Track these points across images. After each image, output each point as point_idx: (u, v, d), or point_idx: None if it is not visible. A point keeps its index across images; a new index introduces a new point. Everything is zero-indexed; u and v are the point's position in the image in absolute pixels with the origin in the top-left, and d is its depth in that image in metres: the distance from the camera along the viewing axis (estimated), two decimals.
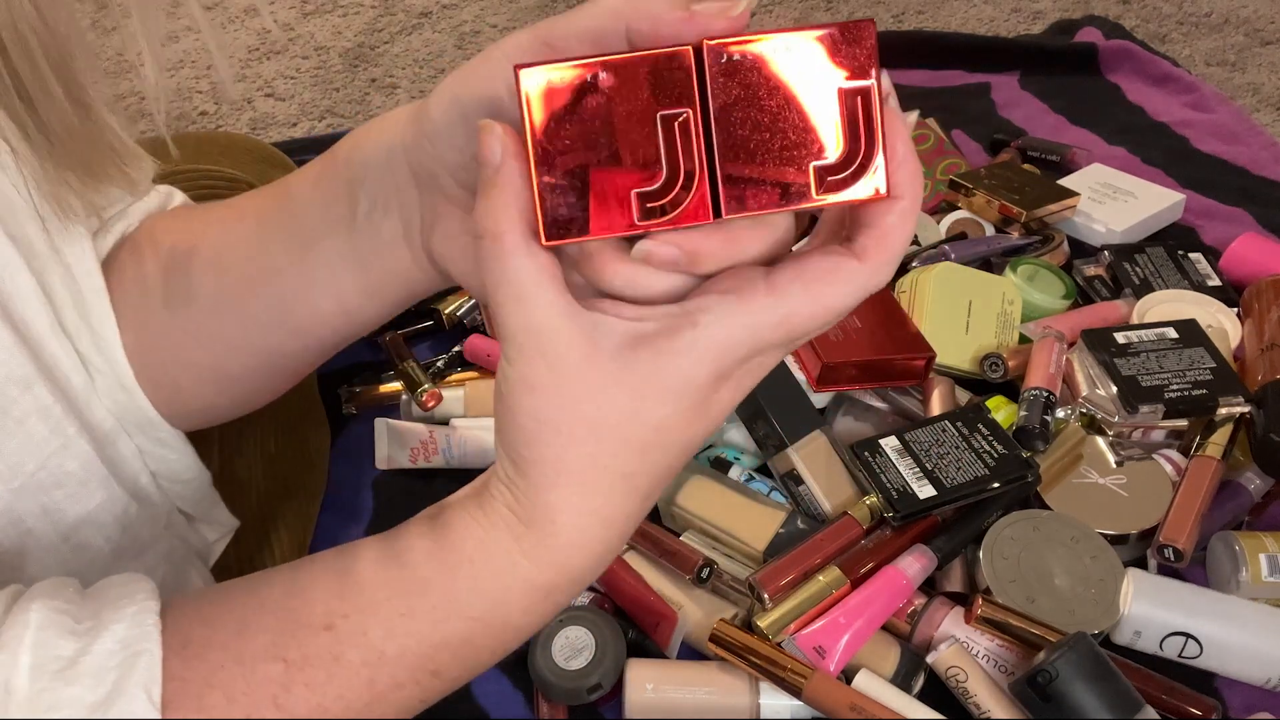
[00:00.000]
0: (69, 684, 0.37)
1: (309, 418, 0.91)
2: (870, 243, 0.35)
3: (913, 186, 0.35)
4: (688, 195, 0.34)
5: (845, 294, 0.35)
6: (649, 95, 0.33)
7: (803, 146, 0.34)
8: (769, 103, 0.34)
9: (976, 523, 0.79)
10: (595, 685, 0.73)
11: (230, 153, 0.91)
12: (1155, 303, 0.98)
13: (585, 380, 0.35)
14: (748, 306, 0.35)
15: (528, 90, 0.33)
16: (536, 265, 0.34)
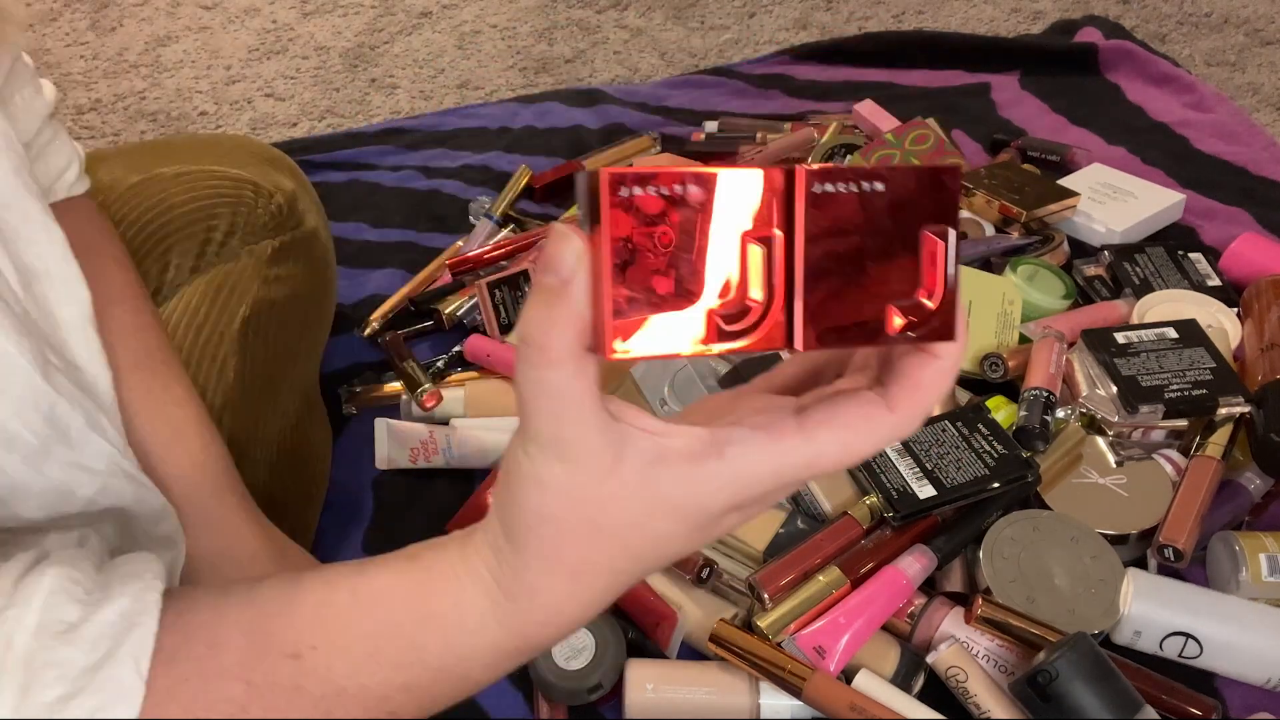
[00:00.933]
0: (66, 645, 0.38)
1: (312, 418, 0.91)
2: (905, 395, 0.35)
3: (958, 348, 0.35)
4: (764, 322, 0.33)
5: (873, 443, 0.35)
6: (737, 215, 0.32)
7: (883, 284, 0.33)
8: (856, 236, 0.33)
9: (976, 523, 0.79)
10: (595, 685, 0.73)
11: (231, 153, 0.91)
12: (1155, 303, 0.98)
13: (600, 489, 0.35)
14: (777, 446, 0.35)
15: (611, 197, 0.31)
16: (584, 384, 0.33)
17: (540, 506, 0.35)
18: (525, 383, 0.34)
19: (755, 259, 0.32)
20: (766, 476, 0.35)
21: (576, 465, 0.34)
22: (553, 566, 0.36)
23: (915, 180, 0.33)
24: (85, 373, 0.57)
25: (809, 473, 0.35)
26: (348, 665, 0.39)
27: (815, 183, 0.32)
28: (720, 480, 0.34)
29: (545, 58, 1.71)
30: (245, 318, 0.81)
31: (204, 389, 0.75)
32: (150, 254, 0.81)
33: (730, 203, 0.32)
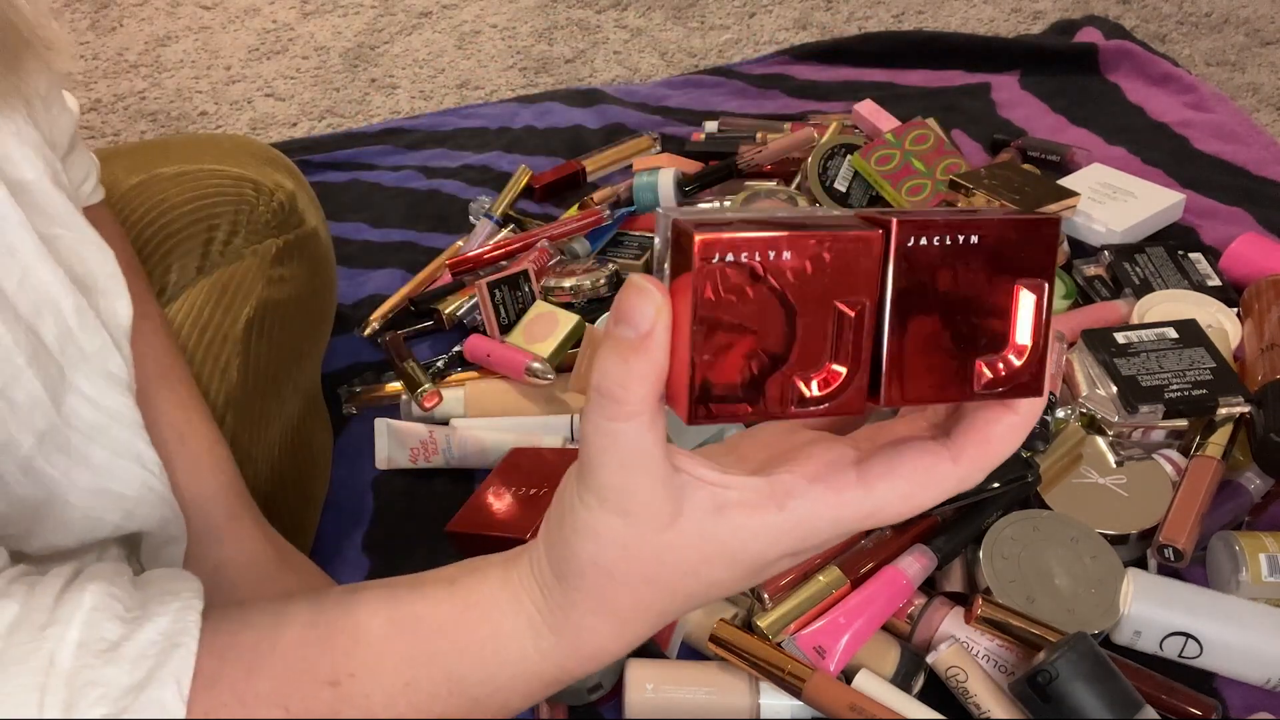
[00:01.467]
0: (108, 664, 0.38)
1: (313, 418, 0.91)
2: (971, 448, 0.34)
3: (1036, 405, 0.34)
4: (848, 389, 0.32)
5: (935, 496, 0.34)
6: (828, 279, 0.31)
7: (972, 340, 0.32)
8: (946, 291, 0.32)
9: (976, 523, 0.79)
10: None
11: (229, 152, 0.91)
12: (1155, 303, 0.98)
13: (657, 541, 0.34)
14: (837, 499, 0.34)
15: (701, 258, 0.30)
16: (654, 438, 0.33)
17: (595, 556, 0.35)
18: (596, 434, 0.34)
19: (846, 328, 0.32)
20: (825, 528, 0.35)
21: (636, 519, 0.34)
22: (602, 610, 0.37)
23: (1012, 231, 0.32)
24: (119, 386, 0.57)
25: (868, 524, 0.35)
26: (385, 694, 0.39)
27: (910, 237, 0.31)
28: (778, 532, 0.34)
29: (545, 58, 1.71)
30: (249, 318, 0.81)
31: (207, 389, 0.75)
32: (152, 255, 0.81)
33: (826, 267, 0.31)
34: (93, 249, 0.57)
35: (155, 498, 0.59)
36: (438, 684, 0.39)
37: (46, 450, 0.52)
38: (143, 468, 0.57)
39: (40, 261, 0.51)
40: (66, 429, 0.53)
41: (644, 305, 0.31)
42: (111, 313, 0.57)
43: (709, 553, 0.35)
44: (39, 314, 0.51)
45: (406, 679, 0.39)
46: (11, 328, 0.48)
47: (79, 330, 0.53)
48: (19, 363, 0.49)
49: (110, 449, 0.55)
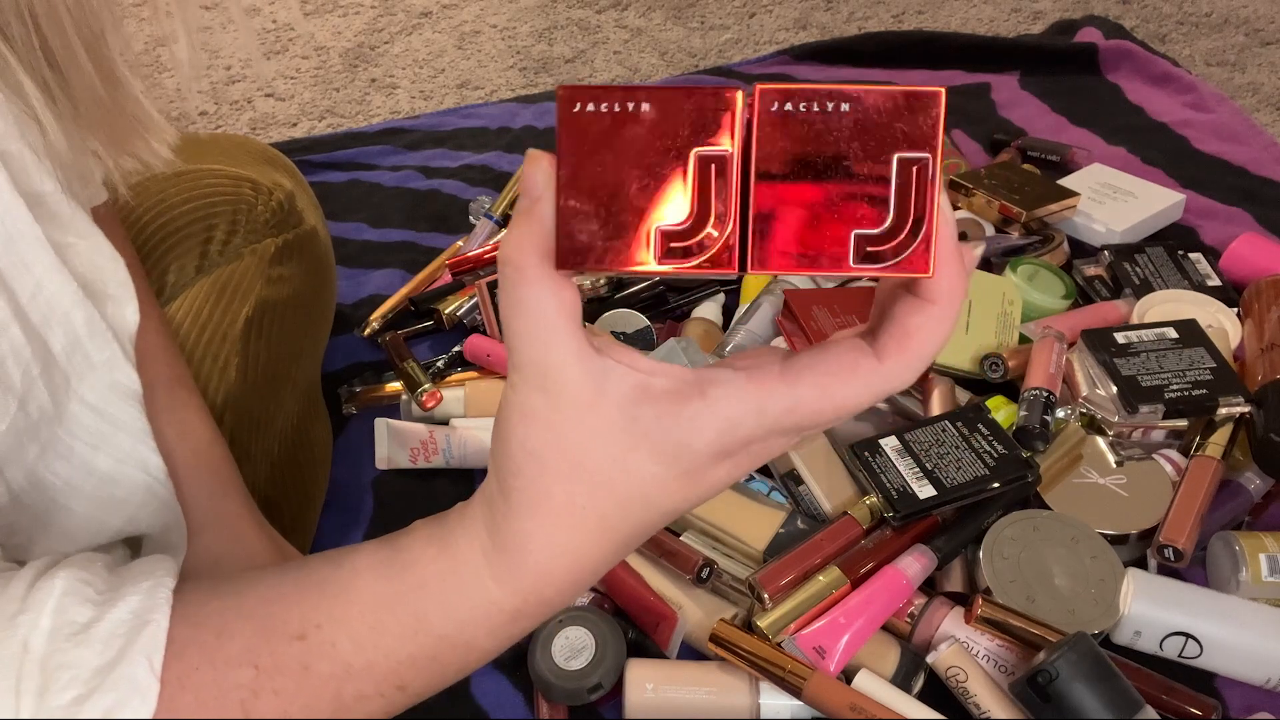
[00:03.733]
0: (79, 646, 0.38)
1: (313, 418, 0.91)
2: (892, 343, 0.34)
3: (950, 293, 0.34)
4: (714, 241, 0.32)
5: (858, 393, 0.34)
6: (689, 132, 0.32)
7: (846, 211, 0.32)
8: (816, 158, 0.32)
9: (976, 523, 0.79)
10: (595, 685, 0.73)
11: (230, 153, 0.91)
12: (1155, 303, 0.98)
13: (582, 422, 0.35)
14: (758, 389, 0.34)
15: (564, 111, 0.31)
16: (557, 302, 0.34)
17: (525, 439, 0.35)
18: (504, 305, 0.34)
19: (709, 178, 0.32)
20: (749, 419, 0.34)
21: (557, 397, 0.34)
22: (538, 509, 0.36)
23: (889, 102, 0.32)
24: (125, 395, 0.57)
25: (791, 419, 0.35)
26: (352, 640, 0.39)
27: (774, 102, 0.32)
28: (702, 420, 0.34)
29: (545, 58, 1.71)
30: (248, 317, 0.81)
31: (206, 389, 0.75)
32: (151, 254, 0.81)
33: (688, 121, 0.32)
34: (105, 258, 0.57)
35: (159, 503, 0.59)
36: (403, 624, 0.39)
37: (48, 459, 0.52)
38: (147, 474, 0.58)
39: (54, 274, 0.51)
40: (69, 438, 0.53)
41: (535, 172, 0.33)
42: (120, 318, 0.57)
43: (634, 439, 0.35)
44: (49, 325, 0.51)
45: (371, 623, 0.39)
46: (30, 338, 0.49)
47: (88, 340, 0.53)
48: (35, 373, 0.49)
49: (114, 457, 0.56)
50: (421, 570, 0.39)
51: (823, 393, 0.34)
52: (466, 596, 0.39)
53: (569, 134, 0.32)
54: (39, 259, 0.50)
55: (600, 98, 0.31)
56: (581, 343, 0.34)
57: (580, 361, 0.34)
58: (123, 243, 0.69)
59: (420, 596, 0.39)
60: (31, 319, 0.50)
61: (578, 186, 0.32)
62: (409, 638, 0.39)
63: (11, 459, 0.49)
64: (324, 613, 0.40)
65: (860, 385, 0.34)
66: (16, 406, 0.48)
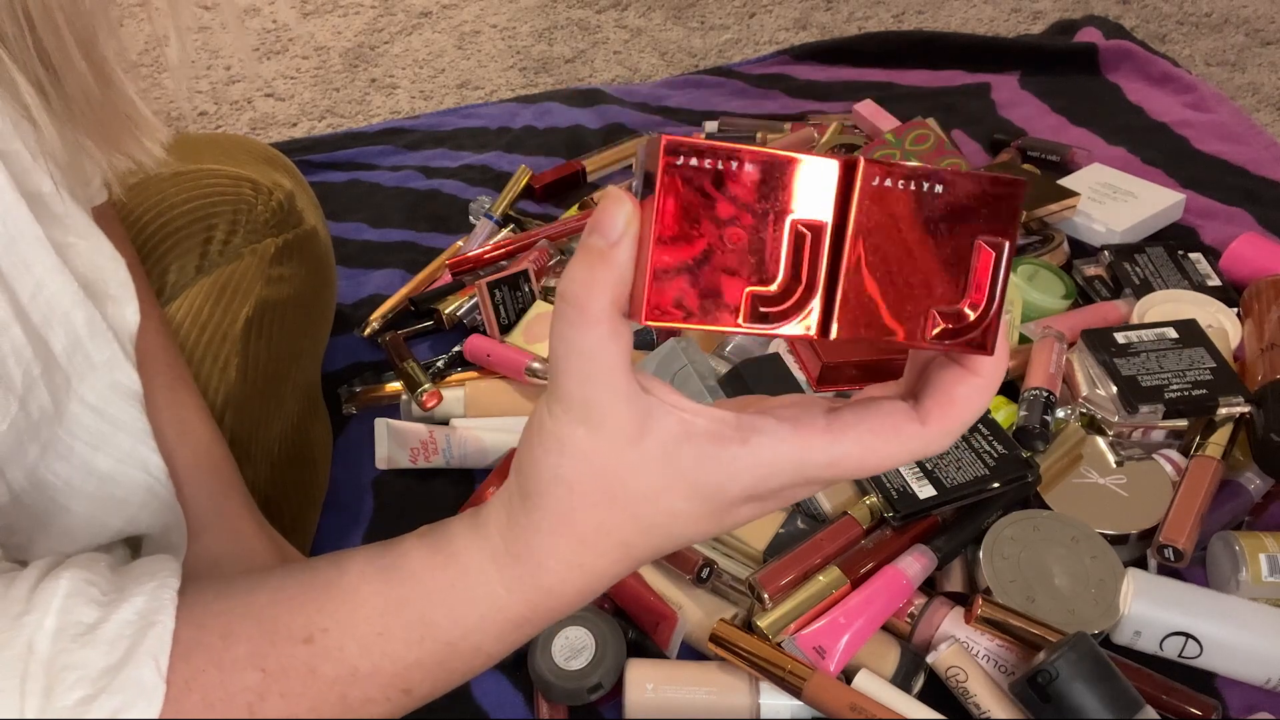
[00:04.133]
0: (85, 647, 0.38)
1: (313, 418, 0.91)
2: (937, 409, 0.35)
3: (997, 369, 0.35)
4: (800, 308, 0.33)
5: (896, 453, 0.35)
6: (788, 198, 0.32)
7: (927, 287, 0.33)
8: (907, 236, 0.33)
9: (976, 523, 0.79)
10: (595, 685, 0.73)
11: (230, 153, 0.91)
12: (1155, 303, 0.98)
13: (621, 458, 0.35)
14: (801, 441, 0.35)
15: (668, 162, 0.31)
16: (617, 349, 0.34)
17: (558, 468, 0.36)
18: (559, 341, 0.34)
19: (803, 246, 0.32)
20: (787, 469, 0.35)
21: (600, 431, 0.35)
22: (563, 530, 0.37)
23: (978, 187, 0.33)
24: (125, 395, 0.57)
25: (830, 473, 0.35)
26: (359, 645, 0.40)
27: (875, 176, 0.32)
28: (741, 465, 0.35)
29: (545, 58, 1.71)
30: (248, 318, 0.81)
31: (206, 389, 0.75)
32: (151, 254, 0.81)
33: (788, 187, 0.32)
34: (106, 258, 0.57)
35: (159, 503, 0.59)
36: (410, 630, 0.39)
37: (49, 459, 0.52)
38: (147, 474, 0.58)
39: (54, 274, 0.51)
40: (69, 438, 0.53)
41: (615, 214, 0.33)
42: (120, 318, 0.57)
43: (671, 478, 0.35)
44: (49, 325, 0.51)
45: (379, 629, 0.39)
46: (31, 338, 0.49)
47: (89, 340, 0.53)
48: (35, 373, 0.49)
49: (114, 457, 0.56)
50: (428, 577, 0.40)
51: (866, 450, 0.35)
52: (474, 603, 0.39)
53: (667, 186, 0.31)
54: (40, 259, 0.50)
55: (704, 153, 0.31)
56: (632, 384, 0.35)
57: (629, 403, 0.34)
58: (123, 242, 0.69)
59: (427, 603, 0.39)
60: (32, 319, 0.50)
61: (673, 243, 0.32)
62: (415, 643, 0.40)
63: (12, 459, 0.49)
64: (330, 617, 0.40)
65: (901, 446, 0.35)
66: (18, 407, 0.48)
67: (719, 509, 0.36)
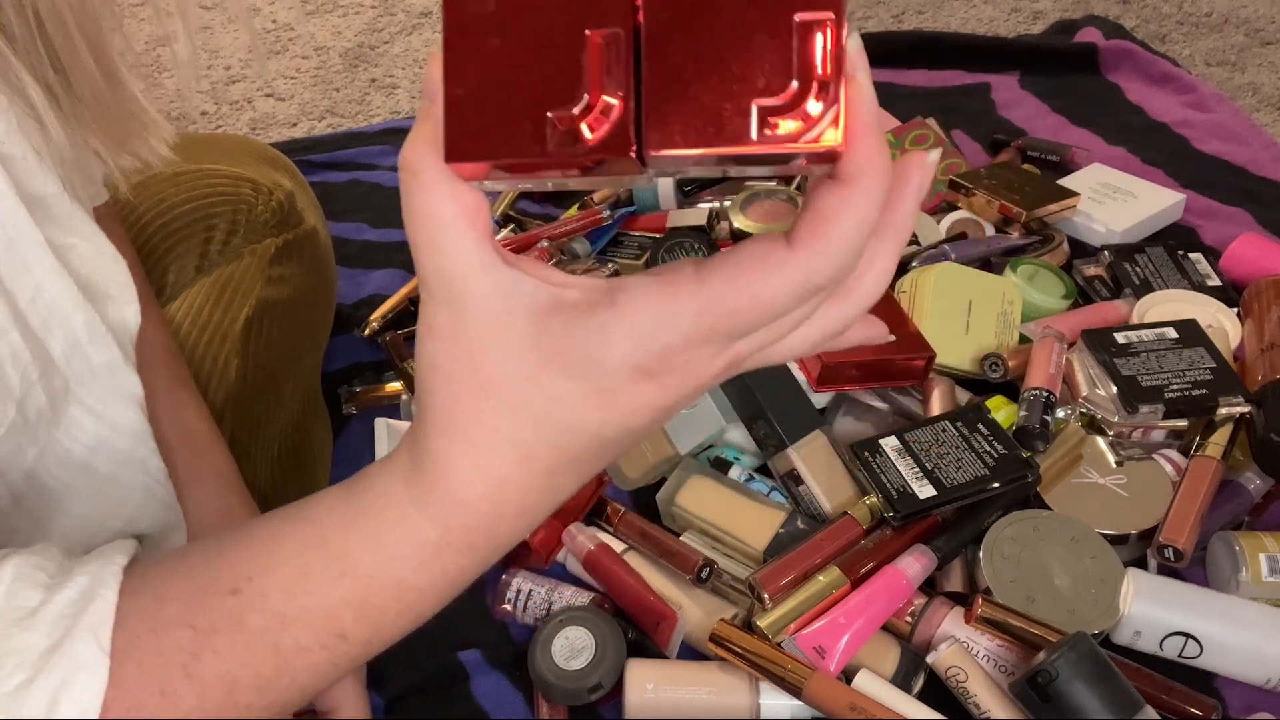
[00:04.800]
0: (25, 631, 0.38)
1: (313, 418, 0.91)
2: (805, 228, 0.31)
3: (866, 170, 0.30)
4: (609, 126, 0.29)
5: (773, 286, 0.31)
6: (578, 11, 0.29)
7: (746, 82, 0.29)
8: (711, 27, 0.29)
9: (976, 523, 0.79)
10: (595, 685, 0.73)
11: (230, 153, 0.91)
12: (1155, 303, 0.98)
13: (488, 335, 0.33)
14: (668, 291, 0.32)
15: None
16: (457, 208, 0.32)
17: (433, 357, 0.34)
18: (405, 215, 0.33)
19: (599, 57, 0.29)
20: (660, 326, 0.32)
21: (462, 309, 0.33)
22: (451, 429, 0.35)
23: None
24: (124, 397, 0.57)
25: (709, 321, 0.32)
26: (282, 588, 0.39)
27: None
28: (611, 327, 0.32)
29: None
30: (248, 318, 0.81)
31: (206, 389, 0.75)
32: (151, 254, 0.81)
33: None
34: (107, 258, 0.57)
35: (159, 504, 0.59)
36: (330, 564, 0.38)
37: (46, 462, 0.52)
38: (146, 475, 0.58)
39: (54, 277, 0.51)
40: (68, 441, 0.53)
41: (433, 70, 0.31)
42: (120, 319, 0.57)
43: (544, 355, 0.33)
44: (48, 328, 0.51)
45: (299, 567, 0.38)
46: (30, 342, 0.49)
47: (88, 344, 0.53)
48: (33, 377, 0.49)
49: (113, 459, 0.56)
50: (342, 508, 0.39)
51: (734, 285, 0.31)
52: (388, 526, 0.38)
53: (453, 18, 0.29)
54: (39, 262, 0.50)
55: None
56: (488, 252, 0.32)
57: (486, 272, 0.32)
58: (123, 243, 0.69)
59: (344, 535, 0.38)
60: (31, 323, 0.50)
61: (464, 75, 0.30)
62: (336, 578, 0.38)
63: (11, 463, 0.49)
64: (254, 564, 0.39)
65: (775, 276, 0.31)
66: (15, 411, 0.48)
67: (607, 388, 0.33)
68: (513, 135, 0.30)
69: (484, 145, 0.30)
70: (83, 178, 0.62)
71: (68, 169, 0.55)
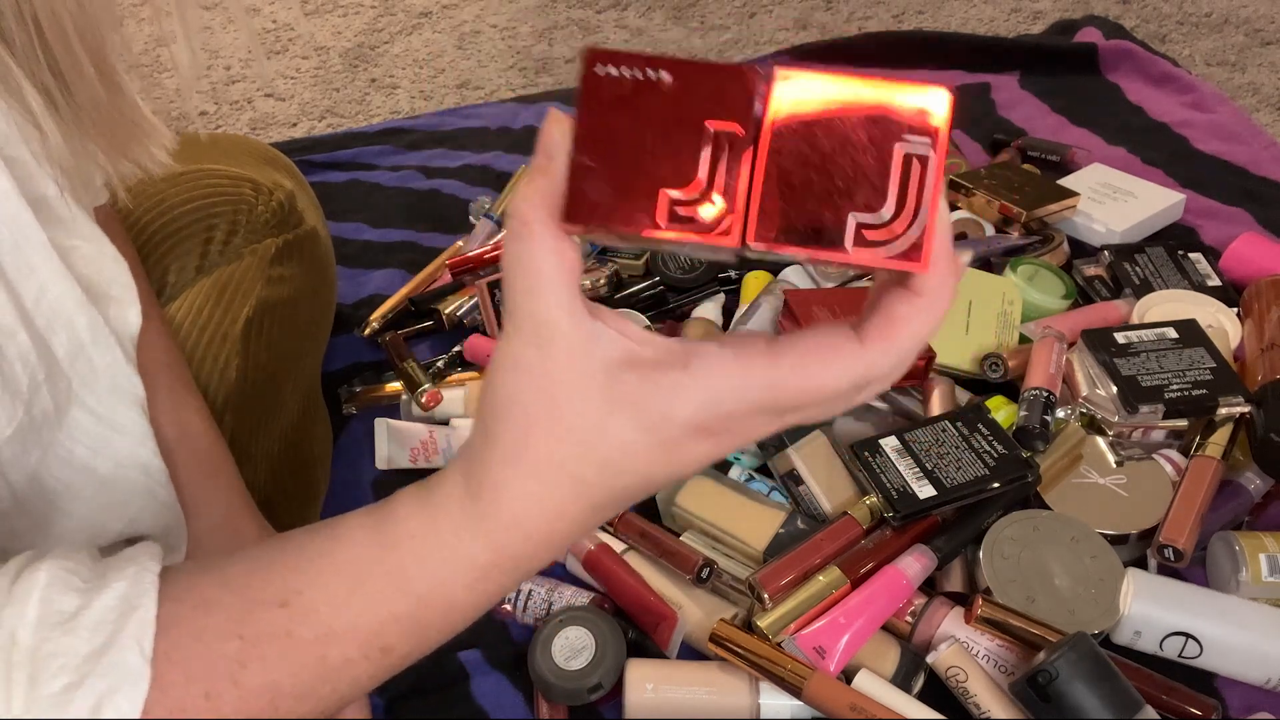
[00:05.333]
0: (67, 634, 0.38)
1: (313, 418, 0.91)
2: (874, 328, 0.35)
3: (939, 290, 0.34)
4: (719, 214, 0.33)
5: (837, 375, 0.35)
6: (706, 105, 0.32)
7: (848, 195, 0.33)
8: (825, 142, 0.32)
9: (976, 523, 0.79)
10: (595, 685, 0.73)
11: (230, 153, 0.91)
12: (1155, 303, 0.98)
13: (568, 379, 0.35)
14: (741, 365, 0.35)
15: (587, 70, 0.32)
16: (558, 260, 0.34)
17: (512, 389, 0.36)
18: (507, 258, 0.35)
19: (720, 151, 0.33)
20: (730, 394, 0.35)
21: (549, 350, 0.35)
22: (516, 459, 0.37)
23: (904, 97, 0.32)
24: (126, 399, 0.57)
25: (772, 396, 0.35)
26: (331, 603, 0.40)
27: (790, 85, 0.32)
28: (683, 389, 0.35)
29: (545, 58, 1.71)
30: (248, 318, 0.81)
31: (206, 389, 0.75)
32: (151, 255, 0.81)
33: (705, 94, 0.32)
34: (109, 260, 0.57)
35: (159, 506, 0.59)
36: (381, 582, 0.40)
37: (49, 463, 0.52)
38: (147, 477, 0.58)
39: (57, 278, 0.51)
40: (70, 442, 0.53)
41: (553, 131, 0.33)
42: (122, 321, 0.57)
43: (616, 404, 0.35)
44: (52, 329, 0.51)
45: (351, 584, 0.40)
46: (36, 343, 0.49)
47: (91, 345, 0.54)
48: (39, 378, 0.49)
49: (114, 461, 0.56)
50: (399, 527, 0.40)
51: (804, 372, 0.35)
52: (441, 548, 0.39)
53: (589, 93, 0.32)
54: (44, 263, 0.50)
55: (624, 61, 0.32)
56: (576, 302, 0.35)
57: (574, 321, 0.35)
58: (124, 244, 0.69)
59: (398, 554, 0.39)
60: (37, 323, 0.50)
61: (592, 145, 0.33)
62: (389, 597, 0.40)
63: (16, 463, 0.49)
64: (305, 578, 0.40)
65: (840, 367, 0.35)
66: (23, 411, 0.48)
67: (668, 442, 0.36)
68: (629, 207, 0.33)
69: (602, 212, 0.33)
70: (82, 179, 0.62)
71: (68, 171, 0.55)
